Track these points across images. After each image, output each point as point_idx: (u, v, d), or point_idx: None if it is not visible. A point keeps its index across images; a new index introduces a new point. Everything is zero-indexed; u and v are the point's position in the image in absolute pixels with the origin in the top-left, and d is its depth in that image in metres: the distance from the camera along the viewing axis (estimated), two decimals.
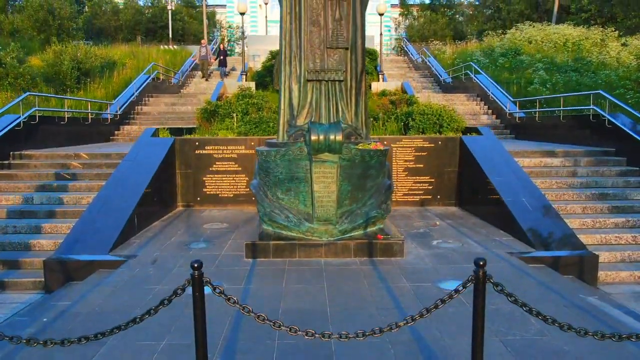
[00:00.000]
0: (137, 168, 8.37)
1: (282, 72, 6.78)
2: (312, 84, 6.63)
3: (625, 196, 8.39)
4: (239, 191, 9.57)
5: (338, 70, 6.58)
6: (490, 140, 9.47)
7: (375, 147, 6.54)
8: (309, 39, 6.54)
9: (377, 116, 12.65)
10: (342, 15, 6.52)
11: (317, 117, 6.62)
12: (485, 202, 8.35)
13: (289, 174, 6.26)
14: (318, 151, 5.89)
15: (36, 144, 10.62)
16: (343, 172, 6.16)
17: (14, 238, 7.09)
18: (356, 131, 6.77)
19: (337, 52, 6.57)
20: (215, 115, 11.58)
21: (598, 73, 17.22)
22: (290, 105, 6.74)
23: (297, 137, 6.56)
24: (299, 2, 6.54)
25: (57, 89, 15.08)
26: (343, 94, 6.69)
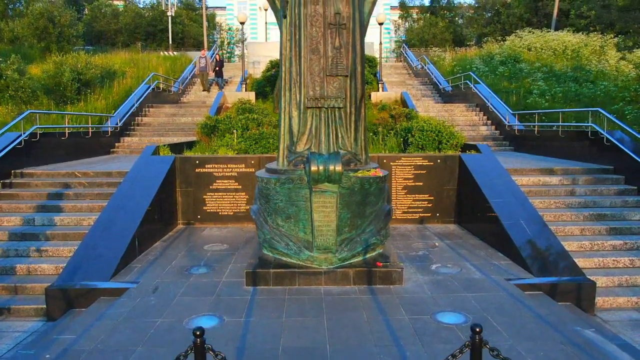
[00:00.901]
0: (137, 189, 8.42)
1: (282, 98, 6.84)
2: (311, 111, 6.67)
3: (623, 217, 8.44)
4: (239, 209, 9.62)
5: (338, 98, 6.63)
6: (489, 158, 9.52)
7: (375, 174, 6.60)
8: (309, 67, 6.59)
9: (376, 130, 12.70)
10: (342, 43, 6.57)
11: (316, 143, 6.67)
12: (484, 223, 8.41)
13: (289, 202, 6.31)
14: (318, 182, 5.95)
15: (37, 161, 10.68)
16: (342, 200, 6.22)
17: (16, 262, 7.14)
18: (356, 157, 6.81)
19: (336, 79, 6.61)
20: (215, 130, 11.63)
21: (597, 83, 17.29)
22: (290, 131, 6.79)
23: (297, 164, 6.61)
24: (299, 30, 6.59)
25: (57, 101, 15.14)
26: (343, 121, 6.73)
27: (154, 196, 8.33)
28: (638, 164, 9.31)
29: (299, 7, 6.57)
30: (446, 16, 51.40)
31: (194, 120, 16.33)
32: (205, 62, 21.69)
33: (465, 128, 15.94)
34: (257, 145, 10.67)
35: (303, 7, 6.53)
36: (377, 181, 6.54)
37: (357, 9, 6.70)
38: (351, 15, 6.58)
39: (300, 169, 6.40)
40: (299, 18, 6.56)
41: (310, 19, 6.52)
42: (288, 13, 6.67)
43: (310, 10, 6.51)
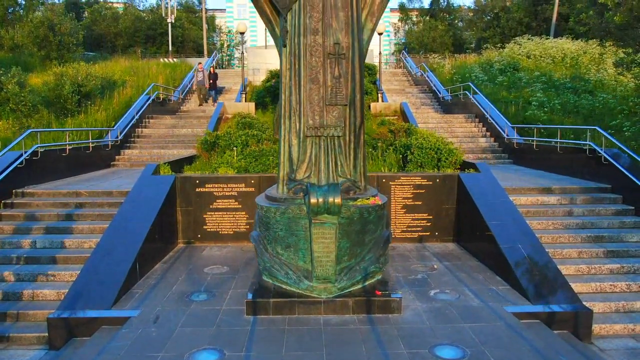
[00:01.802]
0: (138, 210, 8.47)
1: (282, 125, 6.89)
2: (311, 139, 6.73)
3: (620, 238, 8.50)
4: (239, 228, 9.68)
5: (337, 127, 6.68)
6: (488, 178, 9.57)
7: (374, 202, 6.66)
8: (309, 96, 6.64)
9: (375, 145, 12.75)
10: (341, 73, 6.62)
11: (316, 171, 6.72)
12: (482, 244, 8.46)
13: (289, 231, 6.37)
14: (317, 214, 6.00)
15: (38, 178, 10.73)
16: (342, 229, 6.27)
17: (18, 287, 7.20)
18: (355, 184, 6.87)
19: (336, 108, 6.67)
20: (215, 146, 11.68)
21: (596, 94, 17.34)
22: (290, 159, 6.85)
23: (297, 192, 6.66)
24: (299, 59, 6.64)
25: (58, 113, 15.18)
26: (342, 148, 6.79)
27: (154, 218, 8.38)
28: (635, 184, 9.39)
29: (298, 37, 6.62)
30: (446, 19, 51.49)
31: (194, 131, 16.38)
32: (203, 76, 21.44)
33: (465, 140, 16.00)
34: (257, 163, 10.71)
35: (303, 37, 6.58)
36: (376, 209, 6.60)
37: (357, 38, 6.75)
38: (350, 45, 6.64)
39: (299, 198, 6.46)
40: (299, 48, 6.61)
41: (310, 49, 6.57)
42: (288, 42, 6.73)
43: (310, 40, 6.56)
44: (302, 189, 6.64)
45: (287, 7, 6.66)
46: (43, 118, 14.38)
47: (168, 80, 23.31)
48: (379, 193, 7.21)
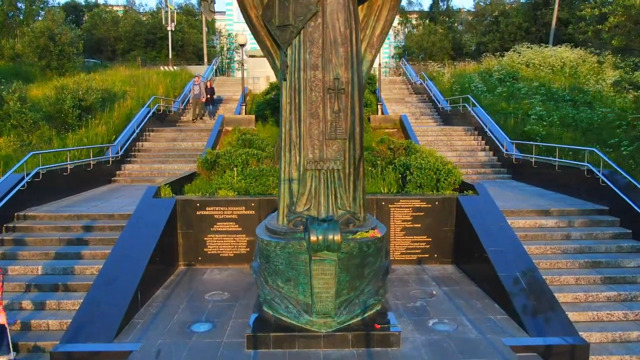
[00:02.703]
0: (139, 237, 8.53)
1: (282, 158, 6.96)
2: (311, 172, 6.79)
3: (617, 264, 8.58)
4: (239, 251, 9.74)
5: (336, 160, 6.75)
6: (486, 201, 9.63)
7: (373, 235, 6.73)
8: (308, 130, 6.71)
9: (375, 162, 12.81)
10: (341, 107, 6.69)
11: (316, 204, 6.79)
12: (481, 269, 8.52)
13: (289, 265, 6.43)
14: (317, 251, 6.07)
15: (40, 199, 10.80)
16: (341, 264, 6.34)
17: (20, 317, 7.26)
18: (354, 216, 6.94)
19: (335, 142, 6.74)
20: (215, 165, 11.75)
21: (595, 107, 17.41)
22: (290, 191, 6.92)
23: (297, 224, 6.74)
24: (299, 94, 6.71)
25: (59, 128, 15.25)
26: (342, 181, 6.85)
27: (155, 244, 8.44)
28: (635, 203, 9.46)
29: (298, 72, 6.69)
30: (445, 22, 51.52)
31: (194, 145, 16.45)
32: (199, 90, 20.75)
33: (464, 154, 16.07)
34: (257, 183, 10.77)
35: (303, 72, 6.65)
36: (375, 242, 6.67)
37: (356, 72, 6.82)
38: (350, 79, 6.71)
39: (299, 232, 6.53)
40: (299, 82, 6.68)
41: (310, 83, 6.64)
42: (288, 77, 6.79)
43: (309, 75, 6.63)
44: (302, 221, 6.72)
45: (287, 41, 6.73)
46: (44, 134, 14.45)
47: (168, 89, 23.38)
48: (378, 223, 7.29)
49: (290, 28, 6.66)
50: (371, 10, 7.23)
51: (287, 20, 6.66)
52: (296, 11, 6.58)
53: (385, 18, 7.21)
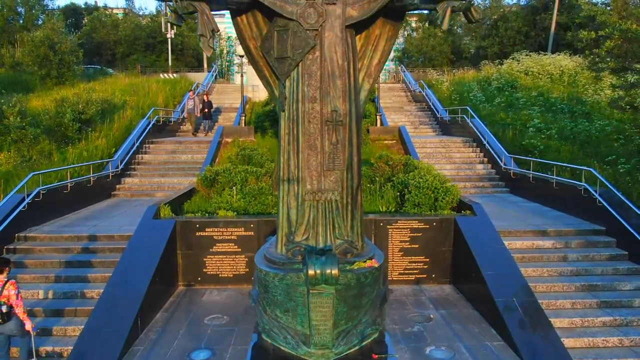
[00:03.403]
0: (139, 261, 8.58)
1: (281, 187, 7.02)
2: (309, 202, 6.85)
3: (613, 287, 8.65)
4: (238, 271, 9.81)
5: (334, 191, 6.80)
6: (483, 222, 9.69)
7: (370, 265, 6.79)
8: (307, 161, 6.76)
9: (374, 178, 12.89)
10: (339, 139, 6.74)
11: (314, 234, 6.84)
12: (478, 292, 8.57)
13: (287, 296, 6.49)
14: (315, 285, 6.13)
15: (40, 218, 10.87)
16: (339, 295, 6.39)
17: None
18: (352, 245, 6.99)
19: (333, 173, 6.78)
20: (215, 182, 11.82)
21: (593, 118, 17.48)
22: (288, 220, 6.97)
23: (295, 254, 6.79)
24: (297, 125, 6.76)
25: (59, 141, 15.32)
26: (339, 211, 6.90)
27: (155, 267, 8.51)
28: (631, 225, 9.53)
29: (296, 104, 6.74)
30: None
31: (194, 158, 16.52)
32: (194, 104, 20.42)
33: (462, 167, 16.14)
34: (256, 202, 10.85)
35: (301, 104, 6.70)
36: (373, 272, 6.73)
37: (354, 104, 6.87)
38: (348, 111, 6.76)
39: (298, 262, 6.59)
40: (297, 114, 6.73)
41: (308, 116, 6.69)
42: (286, 108, 6.85)
43: (307, 107, 6.68)
44: (300, 251, 6.78)
45: (285, 74, 6.79)
46: (44, 149, 14.51)
47: (168, 98, 23.45)
48: (376, 251, 7.34)
49: (289, 61, 6.72)
50: (369, 40, 7.29)
51: (285, 53, 6.72)
52: (294, 44, 6.64)
53: (383, 48, 7.27)
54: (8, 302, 6.35)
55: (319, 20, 6.54)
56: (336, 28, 6.62)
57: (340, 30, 6.64)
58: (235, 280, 9.77)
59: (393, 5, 6.73)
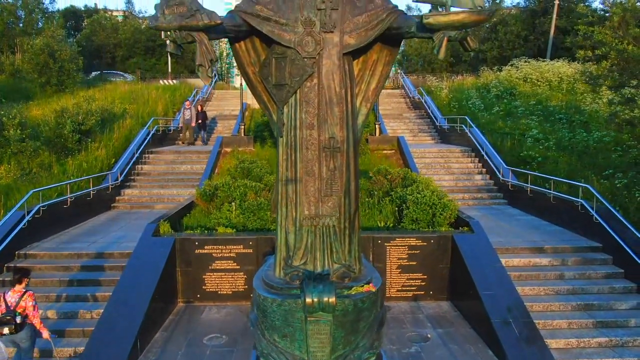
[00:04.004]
0: (138, 280, 8.64)
1: (279, 212, 7.05)
2: (307, 228, 6.90)
3: (609, 306, 8.72)
4: (237, 288, 9.87)
5: (332, 216, 6.85)
6: (481, 241, 9.74)
7: (368, 290, 6.84)
8: (304, 187, 6.82)
9: (372, 192, 12.96)
10: (336, 165, 6.79)
11: (312, 258, 6.89)
12: (475, 310, 8.64)
13: (286, 322, 6.53)
14: (312, 312, 6.19)
15: (40, 234, 10.92)
16: (336, 320, 6.43)
17: None
18: (350, 268, 7.03)
19: (331, 198, 6.85)
20: (214, 197, 11.89)
21: (591, 128, 17.54)
22: (286, 244, 7.02)
23: (293, 278, 6.85)
24: (295, 152, 6.82)
25: (58, 153, 15.38)
26: (337, 235, 6.95)
27: (155, 287, 8.57)
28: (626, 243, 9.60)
29: (294, 130, 6.80)
30: None
31: (194, 168, 16.57)
32: (190, 114, 20.06)
33: (461, 177, 16.21)
34: (254, 217, 10.92)
35: (299, 131, 6.75)
36: (371, 296, 6.79)
37: (351, 130, 6.92)
38: (345, 138, 6.81)
39: (296, 288, 6.64)
40: (295, 140, 6.78)
41: (306, 142, 6.74)
42: (284, 134, 6.91)
43: (305, 134, 6.74)
44: (298, 276, 6.85)
45: (283, 100, 6.84)
46: (44, 162, 14.57)
47: (167, 105, 23.51)
48: (373, 273, 7.39)
49: (287, 88, 6.78)
50: (366, 65, 7.33)
51: (283, 80, 6.77)
52: (292, 72, 6.70)
53: (381, 73, 7.30)
54: (24, 313, 6.50)
55: (317, 48, 6.59)
56: (334, 56, 6.68)
57: (337, 58, 6.70)
58: (234, 297, 9.84)
59: (390, 32, 6.80)
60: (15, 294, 6.53)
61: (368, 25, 6.73)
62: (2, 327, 6.34)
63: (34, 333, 6.71)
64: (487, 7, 6.14)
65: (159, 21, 6.00)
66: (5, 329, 6.34)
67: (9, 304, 6.43)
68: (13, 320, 6.37)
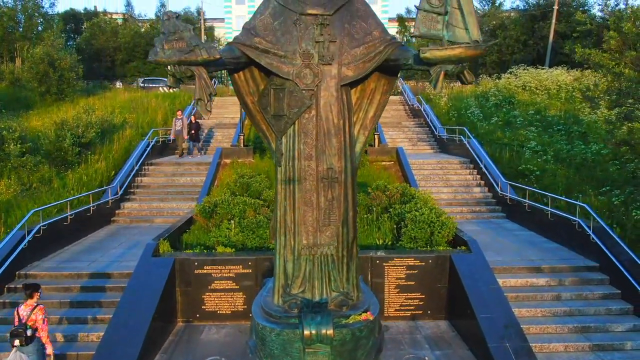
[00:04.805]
0: (138, 302, 8.69)
1: (277, 240, 7.13)
2: (305, 256, 6.98)
3: (606, 329, 8.77)
4: (236, 308, 9.93)
5: (330, 245, 6.93)
6: (478, 260, 9.80)
7: (366, 318, 6.91)
8: (303, 217, 6.88)
9: (371, 207, 13.03)
10: (334, 196, 6.87)
11: (310, 287, 6.98)
12: (472, 331, 8.69)
13: (284, 351, 6.61)
14: (310, 344, 6.26)
15: (41, 252, 10.98)
16: (334, 350, 6.51)
17: None
18: (348, 296, 7.11)
19: (329, 228, 6.92)
20: (213, 213, 11.96)
21: (590, 140, 17.60)
22: (285, 273, 7.10)
23: (292, 306, 6.92)
24: (293, 182, 6.89)
25: (58, 167, 15.44)
26: (335, 264, 7.03)
27: (155, 309, 8.63)
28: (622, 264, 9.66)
29: (292, 161, 6.86)
30: None
31: (193, 181, 16.63)
32: (182, 125, 19.46)
33: (459, 190, 16.27)
34: (254, 235, 10.98)
35: (297, 161, 6.82)
36: (368, 324, 6.85)
37: (349, 160, 6.99)
38: (343, 168, 6.88)
39: (294, 317, 6.71)
40: (293, 171, 6.85)
41: (304, 173, 6.81)
42: (282, 164, 6.97)
43: (303, 165, 6.80)
44: (296, 304, 6.92)
45: (282, 131, 6.91)
46: (44, 176, 14.63)
47: (167, 114, 23.55)
48: (371, 300, 7.46)
49: (285, 119, 6.84)
50: (364, 93, 7.39)
51: (282, 111, 6.84)
52: (291, 103, 6.76)
53: (378, 101, 7.38)
54: (34, 326, 6.80)
55: (315, 80, 6.65)
56: (332, 88, 6.75)
57: (335, 89, 6.76)
58: (234, 317, 9.89)
59: (388, 64, 6.86)
60: (27, 308, 6.89)
61: (366, 58, 6.80)
62: (14, 339, 6.69)
63: (41, 347, 6.99)
64: (483, 42, 6.20)
65: (158, 55, 6.09)
66: (17, 341, 6.69)
67: (21, 317, 6.81)
68: (24, 332, 6.70)
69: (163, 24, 6.15)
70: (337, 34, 6.71)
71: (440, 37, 6.26)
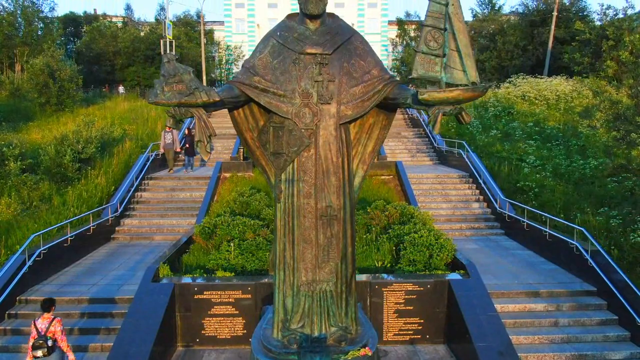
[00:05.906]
0: (138, 330, 8.73)
1: (277, 275, 7.20)
2: (304, 292, 7.03)
3: (603, 357, 8.84)
4: (236, 333, 9.98)
5: (329, 281, 6.99)
6: (477, 286, 9.85)
7: (364, 354, 6.98)
8: (302, 254, 6.94)
9: (370, 227, 13.08)
10: (333, 233, 6.92)
11: (309, 322, 7.04)
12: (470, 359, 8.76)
13: None
14: None
15: (41, 276, 11.02)
16: None
17: None
18: (347, 331, 7.17)
19: (328, 265, 6.98)
20: (213, 234, 12.01)
21: (588, 155, 17.66)
22: (284, 307, 7.16)
23: (291, 341, 6.98)
24: (292, 219, 6.94)
25: (59, 183, 15.48)
26: (334, 299, 7.09)
27: (155, 335, 8.69)
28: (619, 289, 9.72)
29: (292, 198, 6.91)
30: None
31: (193, 196, 16.65)
32: (172, 138, 18.66)
33: (458, 206, 16.32)
34: (253, 258, 11.03)
35: (296, 199, 6.87)
36: None
37: (348, 197, 7.04)
38: (342, 206, 6.93)
39: (293, 353, 6.78)
40: (292, 208, 6.90)
41: (303, 210, 6.85)
42: (282, 201, 7.02)
43: (302, 202, 6.85)
44: (295, 339, 6.97)
45: (281, 169, 6.96)
46: (44, 194, 14.67)
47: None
48: (369, 332, 7.52)
49: (284, 157, 6.89)
50: (363, 128, 7.43)
51: (281, 149, 6.88)
52: (290, 142, 6.81)
53: (377, 136, 7.43)
54: (53, 337, 7.15)
55: (314, 120, 6.70)
56: (331, 127, 6.79)
57: (334, 128, 6.81)
58: (234, 341, 9.95)
59: (386, 102, 6.91)
60: (45, 321, 7.23)
61: (364, 96, 6.85)
62: (36, 351, 6.98)
63: (62, 357, 7.27)
64: (481, 84, 6.25)
65: (158, 98, 6.14)
66: (39, 352, 6.97)
67: (39, 330, 7.12)
68: (45, 344, 7.02)
69: (163, 66, 6.20)
70: (336, 73, 6.75)
71: (439, 79, 6.33)
